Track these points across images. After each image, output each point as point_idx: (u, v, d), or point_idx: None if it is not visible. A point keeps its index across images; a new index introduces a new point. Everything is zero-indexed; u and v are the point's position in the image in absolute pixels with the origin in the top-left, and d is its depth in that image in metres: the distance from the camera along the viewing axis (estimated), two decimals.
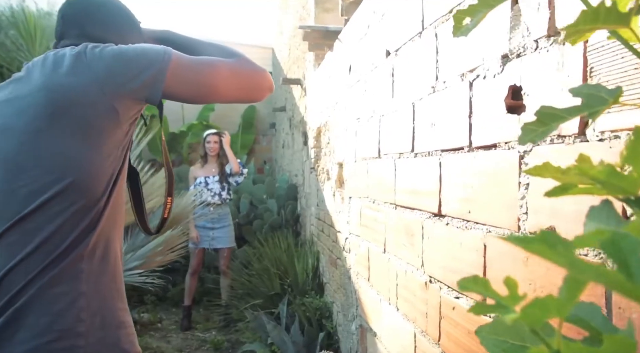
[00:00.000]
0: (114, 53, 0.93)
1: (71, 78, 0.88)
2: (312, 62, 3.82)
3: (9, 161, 0.85)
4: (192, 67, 1.00)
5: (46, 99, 0.87)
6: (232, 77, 1.05)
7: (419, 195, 1.38)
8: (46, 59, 0.92)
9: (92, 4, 1.09)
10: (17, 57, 3.66)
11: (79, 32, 1.04)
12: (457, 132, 1.14)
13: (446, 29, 1.20)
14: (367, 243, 1.97)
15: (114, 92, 0.90)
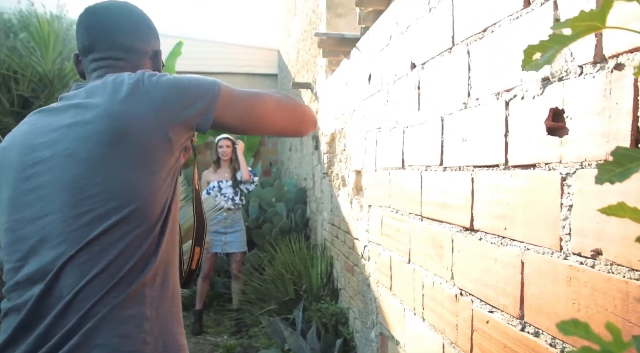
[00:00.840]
0: (170, 82, 0.95)
1: (130, 106, 0.90)
2: (325, 67, 3.84)
3: (75, 186, 0.87)
4: (241, 97, 1.03)
5: (107, 126, 0.89)
6: (279, 109, 1.08)
7: (449, 209, 1.40)
8: (106, 85, 0.94)
9: (119, 13, 1.08)
10: (31, 63, 3.69)
11: (109, 44, 1.04)
12: (491, 150, 1.16)
13: (479, 47, 1.22)
14: (388, 252, 1.99)
15: (168, 120, 0.93)
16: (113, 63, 1.05)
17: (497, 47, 1.14)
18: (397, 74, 1.84)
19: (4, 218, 0.92)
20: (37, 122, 0.96)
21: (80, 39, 1.06)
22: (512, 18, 1.07)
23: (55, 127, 0.92)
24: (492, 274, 1.16)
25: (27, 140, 0.94)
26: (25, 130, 0.97)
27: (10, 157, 0.95)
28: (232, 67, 8.88)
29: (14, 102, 3.68)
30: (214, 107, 0.97)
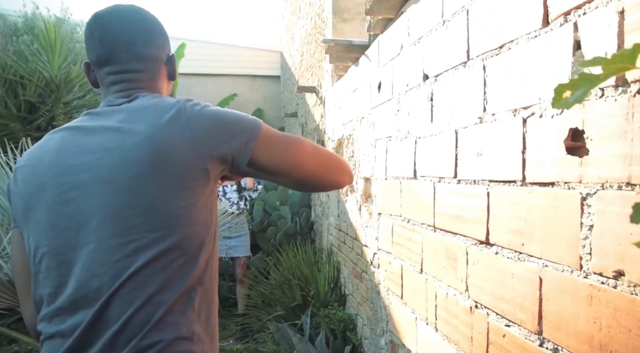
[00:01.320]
0: (212, 115, 0.94)
1: (171, 136, 0.89)
2: (331, 72, 3.85)
3: (117, 216, 0.86)
4: (280, 139, 1.02)
5: (148, 156, 0.87)
6: (316, 155, 1.07)
7: (463, 221, 1.41)
8: (146, 111, 0.93)
9: (133, 22, 1.03)
10: (37, 68, 3.70)
11: (127, 56, 1.01)
12: (508, 166, 1.17)
13: (496, 63, 1.23)
14: (399, 261, 2.00)
15: (206, 153, 0.91)
16: (132, 76, 1.02)
17: (514, 64, 1.15)
18: (408, 84, 1.85)
19: (42, 241, 0.90)
20: (70, 141, 0.93)
21: (94, 50, 1.01)
22: (530, 36, 1.08)
23: (93, 149, 0.90)
24: (509, 289, 1.17)
25: (62, 159, 0.91)
26: (57, 148, 0.93)
27: (42, 175, 0.92)
28: (235, 69, 8.90)
29: (21, 107, 3.69)
30: (252, 146, 0.96)
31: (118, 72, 1.01)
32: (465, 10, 1.38)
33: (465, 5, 1.39)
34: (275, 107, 8.94)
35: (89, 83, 4.59)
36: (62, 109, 3.85)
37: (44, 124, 3.79)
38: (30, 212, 0.91)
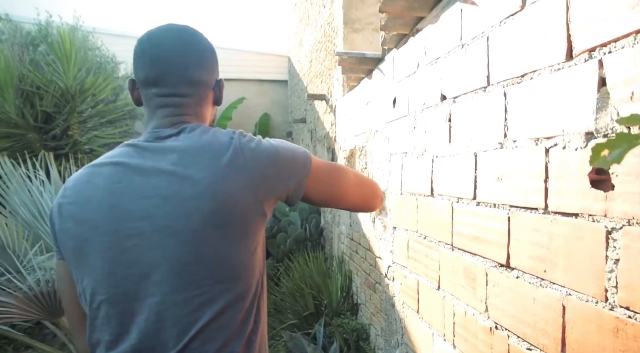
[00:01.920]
0: (268, 155, 0.92)
1: (231, 184, 0.86)
2: (341, 81, 3.88)
3: (182, 270, 0.85)
4: (328, 173, 1.04)
5: (210, 207, 0.84)
6: (357, 186, 1.11)
7: (482, 243, 1.43)
8: (202, 152, 0.88)
9: (187, 44, 0.99)
10: (53, 79, 3.76)
11: (177, 79, 0.96)
12: (530, 193, 1.19)
13: (517, 91, 1.25)
14: (415, 276, 2.03)
15: (264, 196, 0.91)
16: (179, 100, 0.98)
17: (536, 94, 1.17)
18: (425, 103, 1.88)
19: (99, 288, 0.88)
20: (120, 180, 0.89)
21: (143, 69, 0.97)
22: (553, 69, 1.11)
23: (148, 195, 0.86)
24: (531, 313, 1.19)
25: (115, 201, 0.87)
26: (106, 187, 0.89)
27: (95, 218, 0.88)
28: (243, 73, 8.96)
29: (38, 118, 3.75)
30: (304, 184, 0.98)
31: (166, 95, 0.97)
32: (485, 37, 1.41)
33: (485, 32, 1.41)
34: (282, 111, 8.98)
35: (101, 93, 4.70)
36: (77, 118, 3.90)
37: (60, 133, 3.84)
38: (83, 255, 0.88)
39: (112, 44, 6.88)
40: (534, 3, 1.18)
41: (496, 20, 1.35)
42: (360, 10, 3.84)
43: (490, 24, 1.38)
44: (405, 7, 2.05)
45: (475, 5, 1.48)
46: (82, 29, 5.86)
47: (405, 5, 2.04)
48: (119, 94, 5.53)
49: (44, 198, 2.41)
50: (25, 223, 2.29)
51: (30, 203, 2.33)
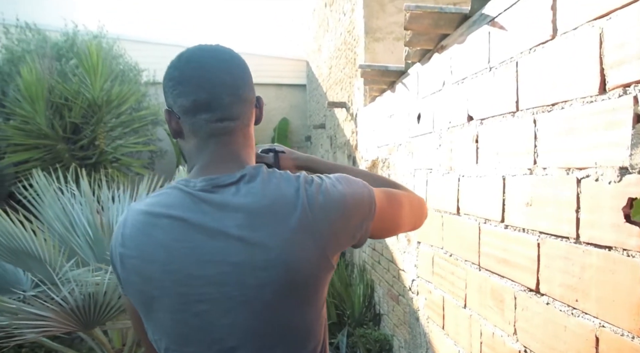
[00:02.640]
0: (338, 206, 0.87)
1: (302, 249, 0.83)
2: (362, 90, 3.90)
3: (255, 339, 0.84)
4: (389, 210, 0.99)
5: (283, 275, 0.82)
6: (410, 214, 1.07)
7: (510, 266, 1.44)
8: (268, 213, 0.83)
9: (230, 61, 0.92)
10: (81, 90, 3.86)
11: (232, 99, 0.89)
12: (561, 221, 1.20)
13: (547, 119, 1.26)
14: (441, 292, 2.04)
15: (334, 251, 0.88)
16: (233, 125, 0.91)
17: (567, 124, 1.18)
18: (451, 121, 1.89)
19: (171, 345, 0.87)
20: (182, 239, 0.84)
21: (188, 95, 0.88)
22: (585, 100, 1.12)
23: (216, 260, 0.82)
24: (562, 340, 1.20)
25: (180, 263, 0.83)
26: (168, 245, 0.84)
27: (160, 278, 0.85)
28: (261, 78, 9.02)
29: (67, 129, 3.85)
30: (369, 228, 0.93)
31: (221, 119, 0.89)
32: (514, 62, 1.42)
33: (514, 57, 1.42)
34: (301, 115, 9.03)
35: (125, 103, 4.79)
36: (103, 128, 3.99)
37: (87, 143, 3.94)
38: (152, 311, 0.87)
39: (135, 50, 7.01)
40: (565, 33, 1.19)
41: (526, 47, 1.36)
42: (381, 20, 3.85)
43: (520, 50, 1.39)
44: (430, 24, 2.07)
45: (503, 30, 1.49)
46: (106, 37, 5.98)
47: (430, 23, 2.06)
48: (141, 102, 5.63)
49: (75, 211, 2.49)
50: (59, 236, 2.36)
51: (63, 217, 2.41)
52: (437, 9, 1.94)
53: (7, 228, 2.05)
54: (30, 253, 2.12)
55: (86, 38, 5.56)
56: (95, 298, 2.04)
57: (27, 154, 3.76)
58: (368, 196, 0.92)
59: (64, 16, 6.30)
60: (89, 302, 2.04)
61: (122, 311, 2.16)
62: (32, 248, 2.10)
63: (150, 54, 7.79)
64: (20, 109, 3.72)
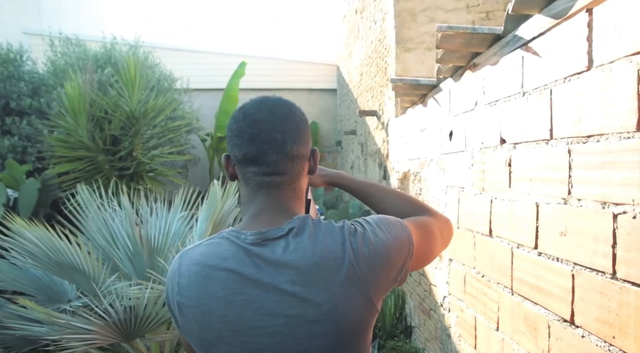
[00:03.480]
0: (382, 257, 0.92)
1: (351, 298, 0.88)
2: (394, 99, 3.90)
3: None
4: (424, 245, 1.03)
5: (334, 328, 0.87)
6: (441, 241, 1.11)
7: (544, 294, 1.43)
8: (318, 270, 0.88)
9: (284, 118, 0.96)
10: (119, 104, 4.00)
11: (278, 157, 0.94)
12: (596, 255, 1.19)
13: (583, 150, 1.25)
14: (472, 311, 2.04)
15: (379, 297, 0.93)
16: (279, 179, 0.96)
17: (603, 157, 1.17)
18: (484, 142, 1.89)
19: None
20: (240, 293, 0.89)
21: (241, 148, 0.94)
22: (621, 136, 1.10)
23: (272, 313, 0.87)
24: None
25: (238, 315, 0.88)
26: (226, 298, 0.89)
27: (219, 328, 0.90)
28: (292, 83, 9.11)
29: (106, 141, 4.00)
30: (409, 267, 0.99)
31: (266, 174, 0.95)
32: (548, 90, 1.41)
33: (548, 85, 1.41)
34: (331, 119, 9.06)
35: (161, 114, 4.94)
36: (140, 140, 4.13)
37: (125, 154, 4.09)
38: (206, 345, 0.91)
39: (169, 58, 7.20)
40: (600, 66, 1.17)
41: (560, 76, 1.35)
42: (413, 30, 3.84)
43: (554, 78, 1.38)
44: (462, 43, 2.07)
45: (537, 56, 1.48)
46: (142, 46, 6.16)
47: (462, 42, 2.06)
48: (175, 110, 5.78)
49: (115, 224, 2.59)
50: (102, 249, 2.47)
51: (105, 230, 2.52)
52: (469, 29, 1.94)
53: (54, 243, 2.16)
54: (75, 266, 2.23)
55: (124, 49, 5.75)
56: (135, 311, 2.12)
57: (70, 165, 3.94)
58: (407, 239, 0.97)
59: (102, 28, 6.54)
60: (130, 315, 2.12)
61: (160, 323, 2.25)
62: (77, 262, 2.21)
63: (185, 61, 7.99)
64: (63, 122, 3.90)
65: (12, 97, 5.26)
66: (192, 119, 6.15)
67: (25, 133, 5.01)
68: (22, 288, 2.38)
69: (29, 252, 2.15)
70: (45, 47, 6.17)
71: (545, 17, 1.53)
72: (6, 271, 2.33)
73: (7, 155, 4.79)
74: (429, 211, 1.14)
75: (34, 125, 4.91)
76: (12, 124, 5.08)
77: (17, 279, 2.36)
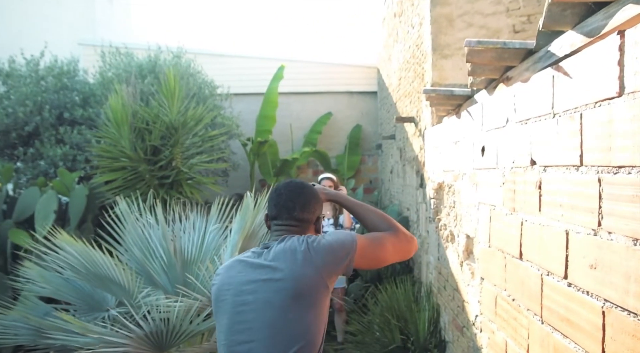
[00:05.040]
0: (326, 247, 1.45)
1: (304, 270, 1.40)
2: (430, 109, 3.82)
3: (272, 325, 1.37)
4: (370, 248, 1.53)
5: (291, 286, 1.38)
6: (394, 252, 1.58)
7: (574, 328, 1.36)
8: (285, 252, 1.43)
9: (297, 194, 1.57)
10: (159, 115, 4.14)
11: (288, 216, 1.56)
12: (627, 294, 1.11)
13: (612, 180, 1.17)
14: (503, 335, 1.96)
15: (327, 275, 1.43)
16: (288, 228, 1.56)
17: (634, 191, 1.09)
18: (515, 161, 1.81)
19: (222, 337, 1.43)
20: (241, 271, 1.46)
21: (270, 209, 1.60)
22: None
23: (254, 280, 1.42)
24: None
25: (237, 285, 1.44)
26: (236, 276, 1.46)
27: (226, 295, 1.46)
28: (333, 86, 9.10)
29: (147, 151, 4.15)
30: (353, 259, 1.48)
31: (280, 225, 1.57)
32: (578, 113, 1.34)
33: (578, 108, 1.34)
34: (372, 122, 8.98)
35: (199, 124, 5.07)
36: (180, 148, 4.25)
37: (165, 163, 4.22)
38: (217, 314, 1.48)
39: (211, 63, 7.37)
40: (632, 93, 1.10)
41: (591, 100, 1.27)
42: (450, 36, 3.75)
43: (585, 102, 1.31)
44: (494, 57, 1.99)
45: (568, 77, 1.41)
46: (185, 53, 6.33)
47: (494, 56, 1.98)
48: (216, 117, 5.90)
49: (151, 237, 2.68)
50: (138, 261, 2.56)
51: (141, 243, 2.61)
52: (499, 44, 1.87)
53: (91, 256, 2.26)
54: (111, 278, 2.32)
55: (168, 57, 5.93)
56: (167, 322, 2.19)
57: (113, 174, 4.11)
58: (350, 241, 1.49)
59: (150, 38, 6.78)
60: (162, 326, 2.19)
61: (193, 335, 2.30)
62: (113, 274, 2.30)
63: (226, 66, 8.14)
64: (107, 132, 4.07)
65: (66, 107, 5.55)
66: (232, 125, 6.27)
67: (76, 141, 5.27)
68: (65, 297, 2.50)
69: (69, 265, 2.26)
70: (96, 57, 6.47)
71: (577, 35, 1.45)
72: (51, 281, 2.46)
73: (59, 163, 5.06)
74: (394, 229, 1.62)
75: (84, 135, 5.16)
76: (64, 133, 5.37)
77: (60, 289, 2.48)
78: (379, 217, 1.66)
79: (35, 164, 5.29)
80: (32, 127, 5.33)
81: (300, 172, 8.51)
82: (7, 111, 5.31)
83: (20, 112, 5.23)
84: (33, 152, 5.34)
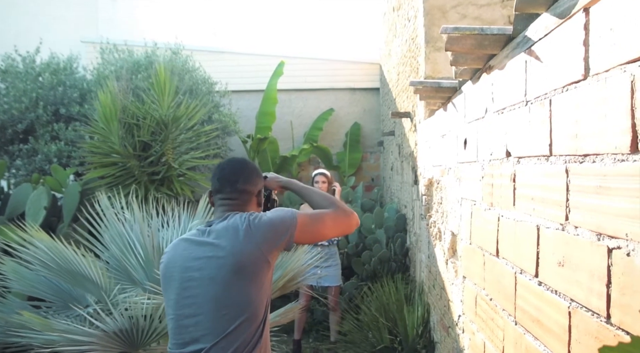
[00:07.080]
0: (266, 223, 1.51)
1: (245, 246, 1.46)
2: (422, 104, 3.73)
3: (216, 298, 1.45)
4: (309, 223, 1.59)
5: (233, 261, 1.45)
6: (333, 226, 1.65)
7: (543, 329, 1.27)
8: (227, 230, 1.50)
9: (238, 168, 1.64)
10: (149, 111, 4.08)
11: (231, 189, 1.61)
12: (591, 293, 1.03)
13: (578, 171, 1.09)
14: (482, 336, 1.88)
15: (268, 250, 1.49)
16: (231, 202, 1.60)
17: (598, 181, 1.01)
18: (492, 153, 1.72)
19: (170, 311, 1.51)
20: (187, 249, 1.52)
21: (213, 184, 1.63)
22: (616, 158, 0.94)
23: (199, 257, 1.48)
24: None
25: (183, 262, 1.51)
26: (181, 254, 1.52)
27: (173, 272, 1.52)
28: (335, 83, 8.98)
29: (136, 147, 4.10)
30: (294, 234, 1.54)
31: (224, 198, 1.61)
32: (547, 100, 1.25)
33: (547, 94, 1.25)
34: (374, 119, 8.87)
35: (193, 118, 5.01)
36: (171, 144, 4.20)
37: (155, 159, 4.17)
38: (165, 290, 1.54)
39: (210, 60, 7.30)
40: (596, 75, 1.01)
41: (559, 84, 1.19)
42: None
43: (553, 87, 1.22)
44: (473, 45, 1.90)
45: (539, 61, 1.32)
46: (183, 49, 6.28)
47: (473, 44, 1.89)
48: (212, 114, 5.84)
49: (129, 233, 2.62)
50: (115, 258, 2.51)
51: (119, 240, 2.55)
52: (476, 30, 1.78)
53: (62, 252, 2.21)
54: (84, 275, 2.27)
55: (165, 53, 5.88)
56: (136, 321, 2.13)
57: (103, 170, 4.07)
58: (290, 217, 1.55)
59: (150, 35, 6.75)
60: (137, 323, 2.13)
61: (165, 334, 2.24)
62: (85, 271, 2.25)
63: (225, 63, 8.06)
64: (97, 128, 4.03)
65: (63, 104, 5.53)
66: (230, 122, 6.20)
67: (70, 138, 5.25)
68: (40, 294, 2.46)
69: (39, 260, 2.21)
70: (96, 54, 6.44)
71: (551, 17, 1.36)
72: (25, 277, 2.41)
73: (54, 160, 5.04)
74: (334, 206, 1.68)
75: (78, 131, 5.13)
76: (59, 130, 5.35)
77: (36, 285, 2.44)
78: (322, 197, 1.74)
79: (30, 160, 5.28)
80: (26, 124, 5.32)
81: (302, 169, 8.42)
82: (3, 108, 5.31)
83: (15, 108, 5.22)
84: (28, 149, 5.33)
